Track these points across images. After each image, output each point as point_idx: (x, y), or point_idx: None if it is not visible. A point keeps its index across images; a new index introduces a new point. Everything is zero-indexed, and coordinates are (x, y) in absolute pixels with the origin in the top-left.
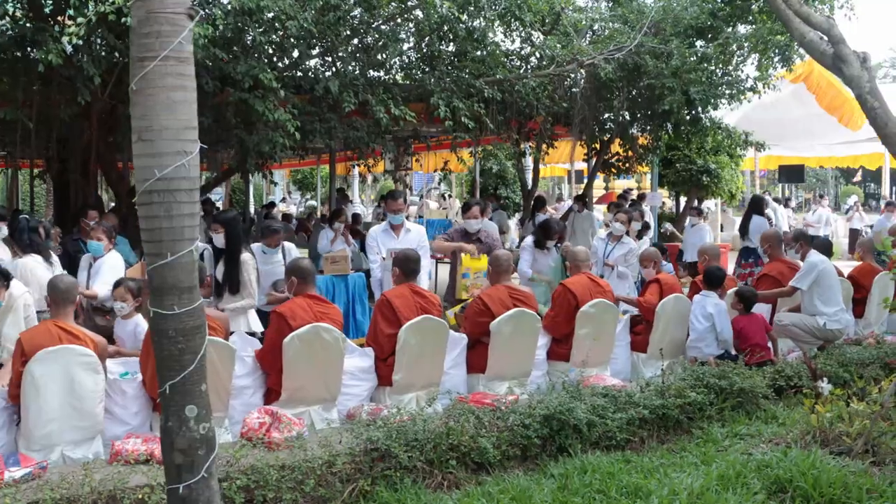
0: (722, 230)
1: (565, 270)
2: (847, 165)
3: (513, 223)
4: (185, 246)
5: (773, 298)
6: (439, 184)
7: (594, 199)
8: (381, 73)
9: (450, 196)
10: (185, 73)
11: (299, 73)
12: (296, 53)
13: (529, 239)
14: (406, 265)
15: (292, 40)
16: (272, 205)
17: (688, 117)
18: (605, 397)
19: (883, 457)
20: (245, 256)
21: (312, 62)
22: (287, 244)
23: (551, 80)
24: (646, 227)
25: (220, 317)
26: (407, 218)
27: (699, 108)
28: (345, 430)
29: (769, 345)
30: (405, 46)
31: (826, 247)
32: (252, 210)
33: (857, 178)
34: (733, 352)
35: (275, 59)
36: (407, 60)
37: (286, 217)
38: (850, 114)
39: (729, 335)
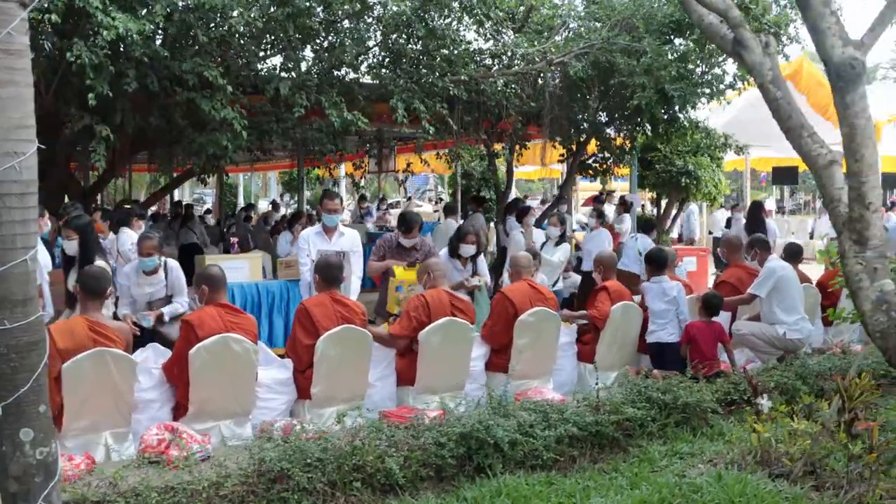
0: (710, 234)
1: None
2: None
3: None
4: (17, 255)
5: (731, 306)
6: (436, 186)
7: (581, 201)
8: (346, 73)
9: (441, 200)
10: (16, 67)
11: (251, 73)
12: (246, 52)
13: (444, 250)
14: (327, 272)
15: (237, 37)
16: (251, 206)
17: (665, 116)
18: (537, 412)
19: (825, 480)
20: (100, 264)
21: (276, 61)
22: (170, 261)
23: (520, 79)
24: (563, 235)
25: (120, 328)
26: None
27: (676, 107)
28: (250, 447)
29: (723, 356)
30: (371, 44)
31: (795, 252)
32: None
33: None
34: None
35: (224, 58)
36: (374, 60)
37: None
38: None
39: (686, 318)
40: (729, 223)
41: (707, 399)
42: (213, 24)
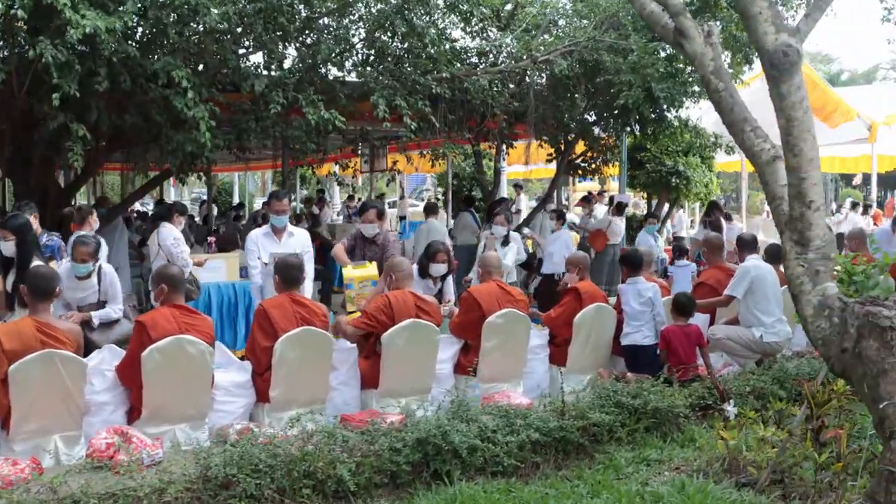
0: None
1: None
2: (835, 170)
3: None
4: None
5: (709, 308)
6: (434, 186)
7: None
8: (327, 71)
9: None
10: None
11: (228, 70)
12: (222, 49)
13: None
14: (286, 273)
15: (213, 34)
16: (241, 205)
17: (653, 115)
18: (501, 417)
19: (793, 489)
20: (36, 264)
21: (258, 59)
22: (105, 267)
23: (505, 77)
24: (508, 235)
25: (71, 329)
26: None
27: (664, 106)
28: (196, 452)
29: (700, 360)
30: (355, 42)
31: (776, 253)
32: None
33: (857, 180)
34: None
35: (201, 55)
36: (358, 58)
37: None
38: (831, 113)
39: (664, 321)
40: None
41: (679, 404)
42: (187, 22)
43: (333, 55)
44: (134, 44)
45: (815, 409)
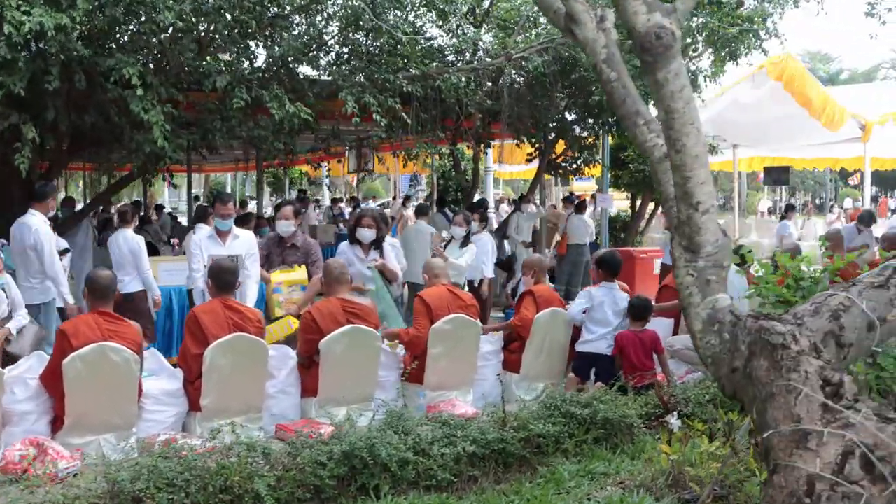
0: None
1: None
2: (828, 167)
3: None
4: None
5: (673, 312)
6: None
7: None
8: (295, 67)
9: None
10: None
11: (189, 68)
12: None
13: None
14: (220, 277)
15: (171, 31)
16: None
17: None
18: (441, 427)
19: None
20: None
21: (226, 57)
22: (6, 278)
23: (479, 75)
24: (468, 236)
25: None
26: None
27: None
28: (104, 465)
29: (657, 367)
30: (329, 39)
31: (742, 256)
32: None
33: (856, 180)
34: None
35: (162, 53)
36: (333, 56)
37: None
38: (831, 114)
39: None
40: None
41: (631, 414)
42: (142, 19)
43: (306, 52)
44: (85, 42)
45: None
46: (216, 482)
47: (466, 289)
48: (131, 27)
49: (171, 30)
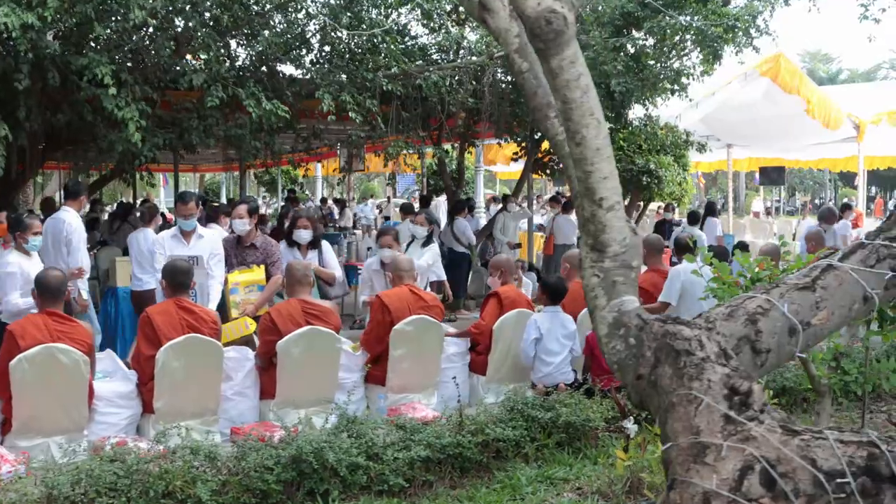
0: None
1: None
2: (827, 168)
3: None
4: None
5: None
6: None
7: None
8: (275, 66)
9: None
10: None
11: (164, 66)
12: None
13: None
14: (173, 277)
15: (145, 29)
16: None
17: (612, 114)
18: (398, 431)
19: None
20: None
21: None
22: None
23: (461, 74)
24: (430, 236)
25: None
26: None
27: (622, 102)
28: (35, 471)
29: None
30: (311, 37)
31: (723, 255)
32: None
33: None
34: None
35: (139, 51)
36: (315, 55)
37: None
38: (832, 114)
39: (579, 353)
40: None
41: (595, 417)
42: (115, 17)
43: (287, 51)
44: (62, 41)
45: None
46: (157, 487)
47: (428, 289)
48: (109, 26)
49: (145, 28)
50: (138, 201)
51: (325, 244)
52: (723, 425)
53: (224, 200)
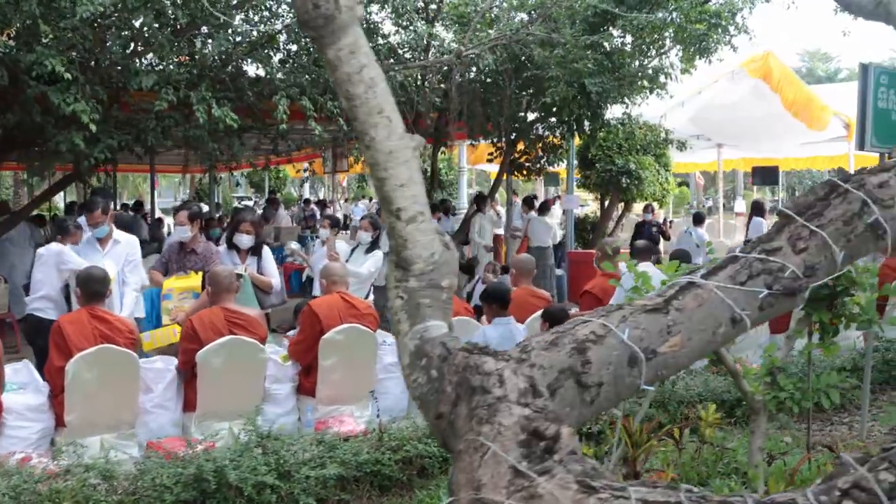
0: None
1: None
2: (826, 168)
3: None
4: None
5: None
6: None
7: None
8: (237, 66)
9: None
10: None
11: (114, 66)
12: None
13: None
14: (87, 286)
15: (93, 27)
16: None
17: (588, 113)
18: (318, 447)
19: None
20: None
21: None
22: None
23: (428, 73)
24: (375, 242)
25: None
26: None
27: (599, 102)
28: None
29: None
30: (281, 38)
31: (685, 258)
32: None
33: None
34: None
35: (89, 51)
36: (285, 54)
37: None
38: (815, 114)
39: None
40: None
41: None
42: (64, 14)
43: (251, 50)
44: (15, 39)
45: (633, 450)
46: None
47: (370, 297)
48: (58, 24)
49: (97, 26)
50: (130, 202)
51: (266, 251)
52: (510, 479)
53: (215, 202)
